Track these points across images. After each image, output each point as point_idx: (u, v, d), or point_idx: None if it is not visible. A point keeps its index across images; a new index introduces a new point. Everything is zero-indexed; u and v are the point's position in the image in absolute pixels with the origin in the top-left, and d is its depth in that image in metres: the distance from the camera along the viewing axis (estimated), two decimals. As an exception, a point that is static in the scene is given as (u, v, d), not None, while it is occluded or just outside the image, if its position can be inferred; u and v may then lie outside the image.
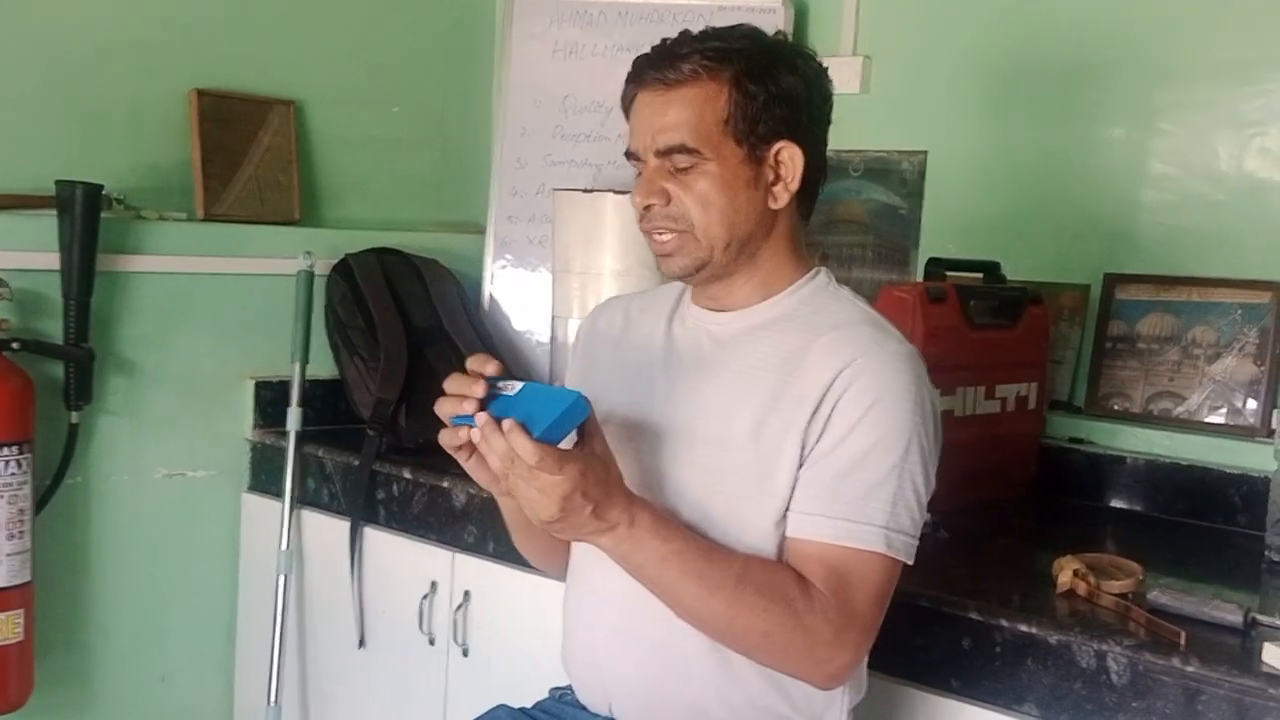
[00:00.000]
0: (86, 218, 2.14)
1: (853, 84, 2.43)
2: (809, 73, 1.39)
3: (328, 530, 2.30)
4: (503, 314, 2.65)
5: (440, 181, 2.81)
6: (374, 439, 2.24)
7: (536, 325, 2.59)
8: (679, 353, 1.43)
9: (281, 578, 2.32)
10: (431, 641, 2.12)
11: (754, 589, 1.26)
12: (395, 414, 2.26)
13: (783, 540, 1.33)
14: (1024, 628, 1.47)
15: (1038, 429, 2.16)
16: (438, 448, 1.29)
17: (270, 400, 2.44)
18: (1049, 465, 2.15)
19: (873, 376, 1.30)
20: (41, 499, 2.18)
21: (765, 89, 1.34)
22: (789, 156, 1.36)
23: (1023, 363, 2.10)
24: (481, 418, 1.20)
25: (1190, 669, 1.35)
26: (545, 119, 2.61)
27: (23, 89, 2.22)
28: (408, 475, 2.18)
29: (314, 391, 2.42)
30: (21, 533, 2.05)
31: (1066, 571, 1.57)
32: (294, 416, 2.35)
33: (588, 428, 1.25)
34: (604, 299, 1.63)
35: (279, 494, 2.35)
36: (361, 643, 2.25)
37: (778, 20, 2.44)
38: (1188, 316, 2.13)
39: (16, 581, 2.04)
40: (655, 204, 1.36)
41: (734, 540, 1.33)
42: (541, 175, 2.60)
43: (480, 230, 2.68)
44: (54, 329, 2.17)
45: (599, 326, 1.55)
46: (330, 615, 2.31)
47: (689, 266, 1.37)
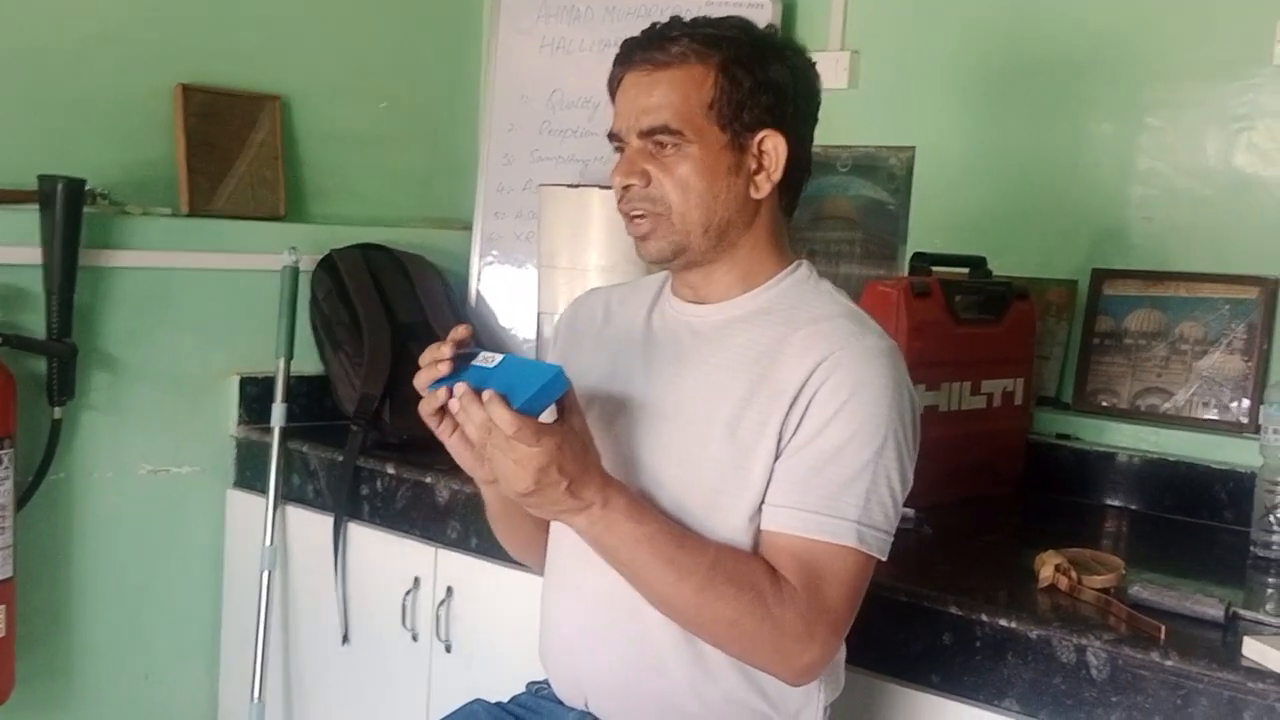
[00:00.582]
0: (69, 212, 2.13)
1: (840, 79, 2.42)
2: (798, 65, 1.38)
3: (312, 526, 2.29)
4: (489, 310, 2.64)
5: (427, 177, 2.80)
6: (358, 434, 2.23)
7: (523, 321, 2.58)
8: (658, 344, 1.42)
9: (265, 574, 2.31)
10: (414, 637, 2.11)
11: (725, 577, 1.25)
12: (379, 410, 2.26)
13: (758, 533, 1.32)
14: (1004, 623, 1.46)
15: (1024, 425, 2.15)
16: (422, 444, 1.28)
17: (255, 396, 2.43)
18: (1036, 461, 2.14)
19: (850, 370, 1.29)
20: (24, 495, 2.16)
21: (753, 76, 1.33)
22: (772, 146, 1.35)
23: (1009, 358, 2.10)
24: (460, 387, 1.20)
25: (1170, 663, 1.34)
26: (532, 114, 2.61)
27: (5, 82, 2.21)
28: (391, 471, 2.18)
29: (299, 387, 2.41)
30: (3, 529, 2.04)
31: (1048, 566, 1.56)
32: (278, 412, 2.34)
33: (567, 405, 1.25)
34: (589, 289, 1.62)
35: (263, 490, 2.34)
36: (345, 639, 2.24)
37: (765, 15, 2.43)
38: (1175, 312, 2.12)
39: (-2, 578, 2.03)
40: (634, 184, 1.35)
41: (710, 532, 1.32)
42: (528, 171, 2.59)
43: (467, 226, 2.67)
44: (36, 324, 2.16)
45: (579, 317, 1.54)
46: (314, 611, 2.30)
47: (665, 250, 1.36)
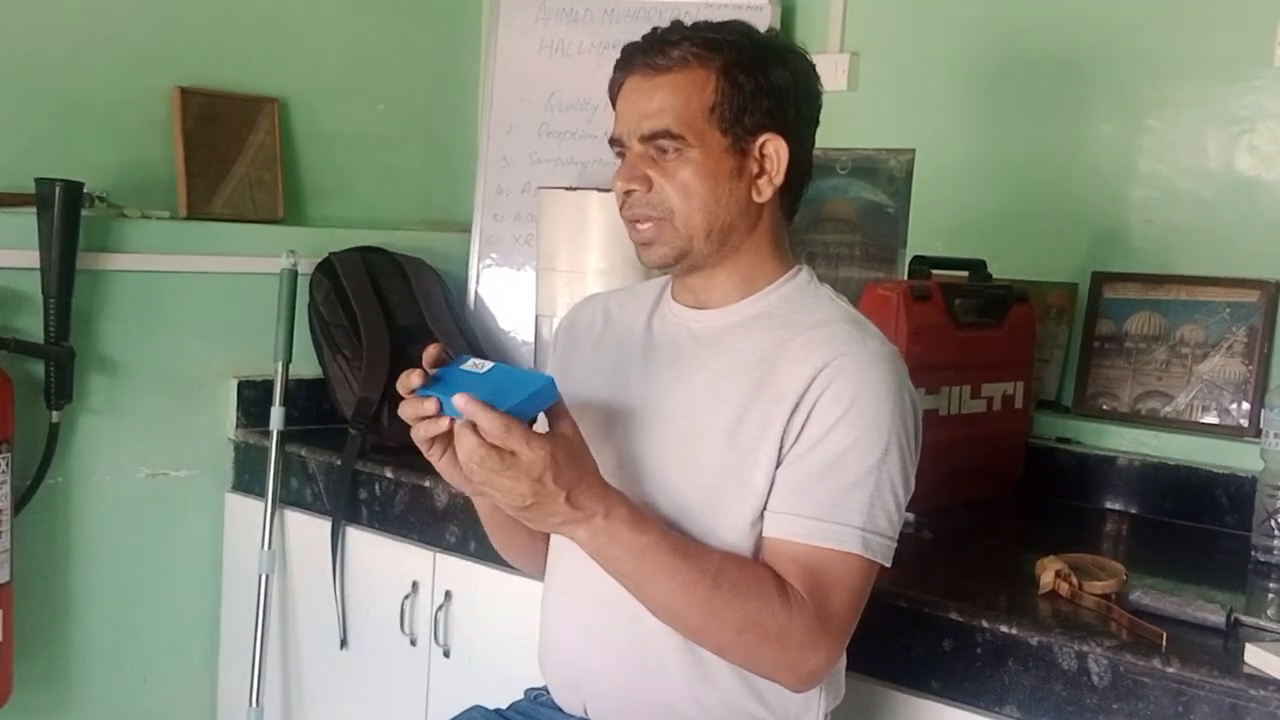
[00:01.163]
0: (66, 215, 2.13)
1: (840, 81, 2.42)
2: (799, 69, 1.37)
3: (310, 530, 2.29)
4: (488, 312, 2.64)
5: (425, 179, 2.80)
6: (356, 438, 2.22)
7: (522, 324, 2.57)
8: (658, 349, 1.42)
9: (264, 578, 2.31)
10: (413, 642, 2.11)
11: (730, 586, 1.25)
12: (378, 413, 2.25)
13: (759, 539, 1.31)
14: (1005, 629, 1.46)
15: (1025, 428, 2.14)
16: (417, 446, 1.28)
17: (253, 399, 2.42)
18: (1036, 465, 2.13)
19: (852, 376, 1.29)
20: (21, 499, 2.16)
21: (754, 80, 1.32)
22: (774, 150, 1.34)
23: (1009, 362, 2.09)
24: (459, 421, 1.18)
25: (1171, 670, 1.34)
26: (531, 116, 2.60)
27: (2, 84, 2.21)
28: (389, 475, 2.17)
29: (297, 391, 2.40)
30: (1, 533, 2.03)
31: (1049, 572, 1.56)
32: (277, 416, 2.34)
33: (558, 413, 1.24)
34: (589, 294, 1.62)
35: (262, 494, 2.33)
36: (344, 643, 2.23)
37: (765, 17, 2.42)
38: (1176, 315, 2.11)
39: (-5, 582, 2.03)
40: (636, 190, 1.34)
41: (711, 538, 1.31)
42: (527, 173, 2.59)
43: (466, 228, 2.67)
44: (34, 327, 2.16)
45: (579, 323, 1.54)
46: (312, 616, 2.30)
47: (668, 256, 1.36)
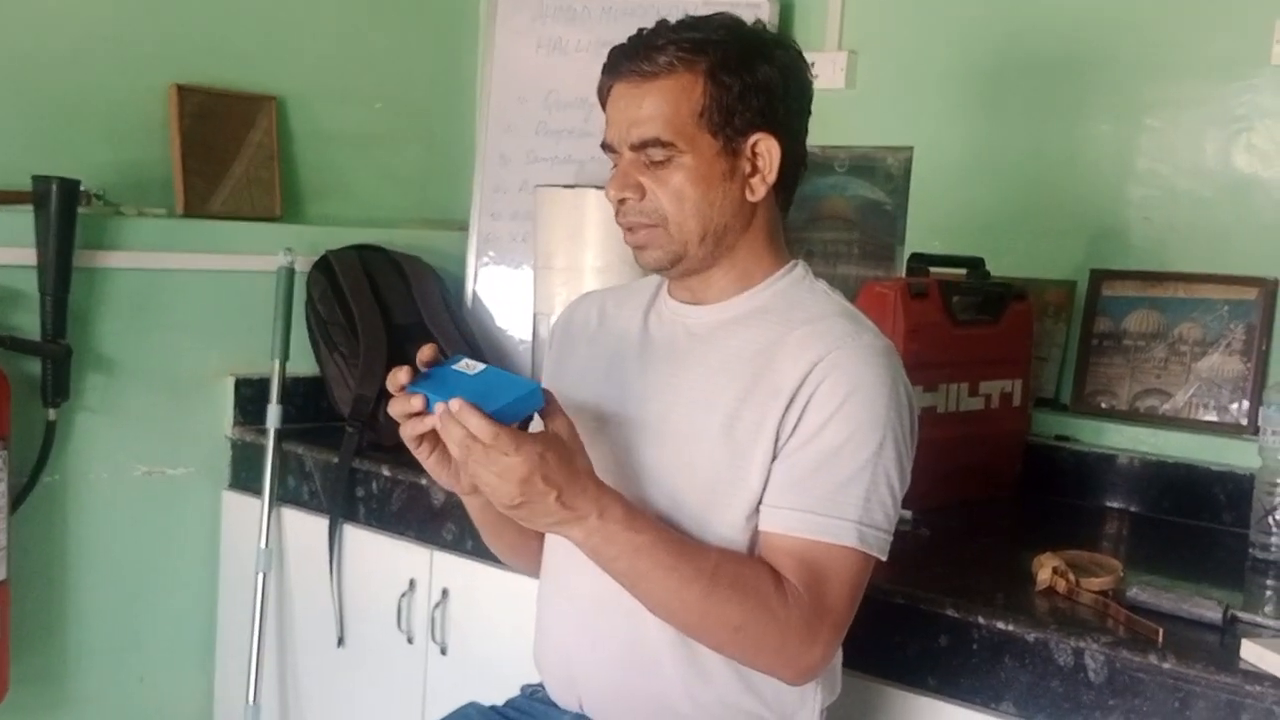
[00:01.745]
0: (63, 213, 2.13)
1: (838, 79, 2.41)
2: (787, 63, 1.36)
3: (307, 528, 2.28)
4: (485, 311, 2.64)
5: (423, 178, 2.79)
6: (353, 436, 2.22)
7: (519, 322, 2.57)
8: (655, 346, 1.42)
9: (261, 576, 2.31)
10: (410, 640, 2.11)
11: (727, 582, 1.24)
12: (375, 411, 2.24)
13: (755, 534, 1.31)
14: (1001, 625, 1.46)
15: (1023, 426, 2.14)
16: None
17: (250, 397, 2.42)
18: (1035, 463, 2.13)
19: (847, 370, 1.29)
20: (18, 497, 2.16)
21: (741, 80, 1.32)
22: (766, 148, 1.34)
23: (1007, 359, 2.09)
24: (440, 406, 1.18)
25: (1168, 666, 1.34)
26: (529, 115, 2.60)
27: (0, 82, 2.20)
28: (387, 473, 2.17)
29: (294, 388, 2.40)
30: (-3, 530, 2.03)
31: (1046, 569, 1.56)
32: (274, 414, 2.33)
33: (551, 413, 1.24)
34: (585, 292, 1.62)
35: (259, 491, 2.33)
36: (340, 641, 2.23)
37: (762, 15, 2.41)
38: (1174, 313, 2.11)
39: (-9, 579, 2.03)
40: (629, 198, 1.34)
41: (707, 534, 1.31)
42: (525, 172, 2.59)
43: (463, 227, 2.67)
44: (30, 325, 2.15)
45: (574, 321, 1.53)
46: (309, 614, 2.29)
47: (664, 260, 1.36)
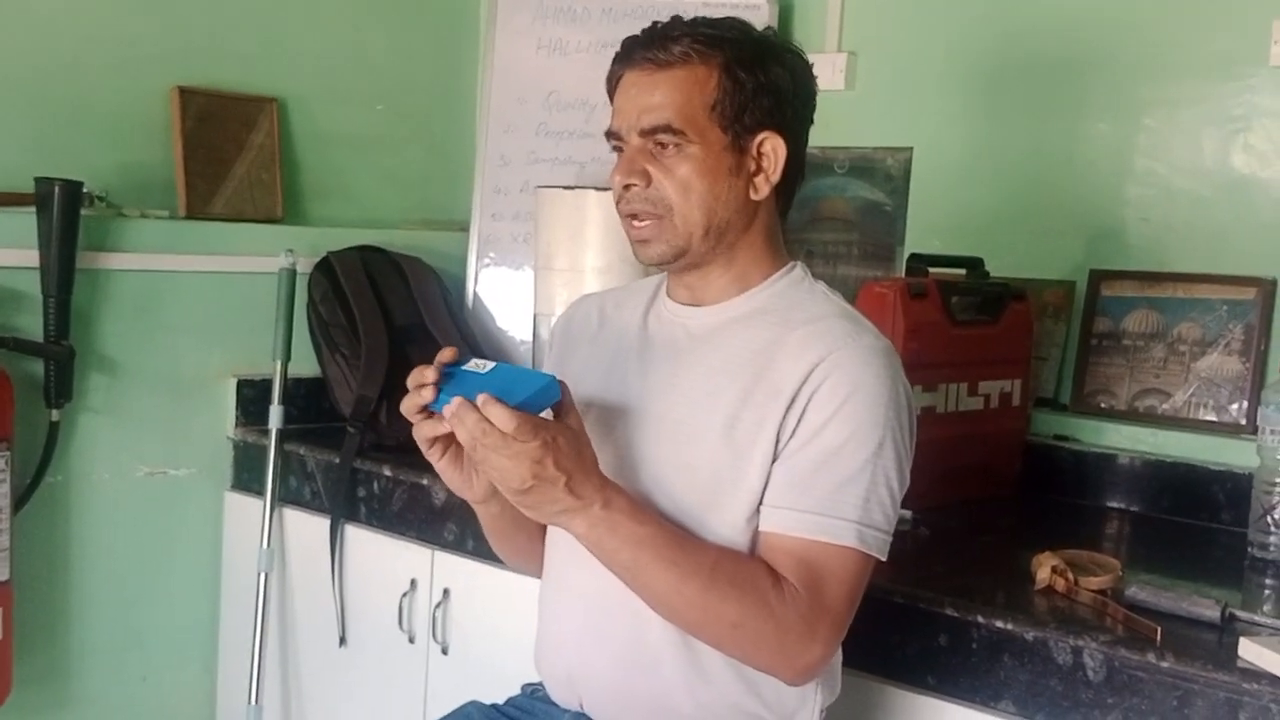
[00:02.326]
0: (66, 215, 2.13)
1: (837, 81, 2.42)
2: (797, 68, 1.38)
3: (309, 528, 2.29)
4: (486, 312, 2.64)
5: (424, 179, 2.80)
6: (355, 436, 2.23)
7: (520, 323, 2.58)
8: (654, 347, 1.42)
9: (263, 576, 2.31)
10: (411, 639, 2.11)
11: (727, 579, 1.25)
12: (376, 411, 2.25)
13: (755, 535, 1.32)
14: (1001, 624, 1.46)
15: (1022, 426, 2.14)
16: (418, 445, 1.29)
17: (252, 398, 2.43)
18: (1034, 463, 2.14)
19: (847, 371, 1.29)
20: (21, 498, 2.16)
21: (754, 78, 1.33)
22: (772, 148, 1.35)
23: (1006, 359, 2.09)
24: (456, 401, 1.19)
25: (1166, 665, 1.34)
26: (529, 116, 2.60)
27: (2, 84, 2.21)
28: (388, 473, 2.17)
29: (296, 389, 2.41)
30: (0, 531, 2.04)
31: (1045, 568, 1.56)
32: (275, 414, 2.34)
33: (564, 407, 1.25)
34: (584, 294, 1.62)
35: (261, 492, 2.34)
36: (342, 641, 2.23)
37: (762, 16, 2.42)
38: (1173, 313, 2.12)
39: (-5, 580, 2.03)
40: (635, 185, 1.34)
41: (707, 534, 1.31)
42: (525, 173, 2.59)
43: (464, 228, 2.67)
44: (33, 326, 2.16)
45: (574, 322, 1.54)
46: (311, 614, 2.30)
47: (666, 253, 1.36)
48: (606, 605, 1.34)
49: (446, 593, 2.07)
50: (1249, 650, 1.33)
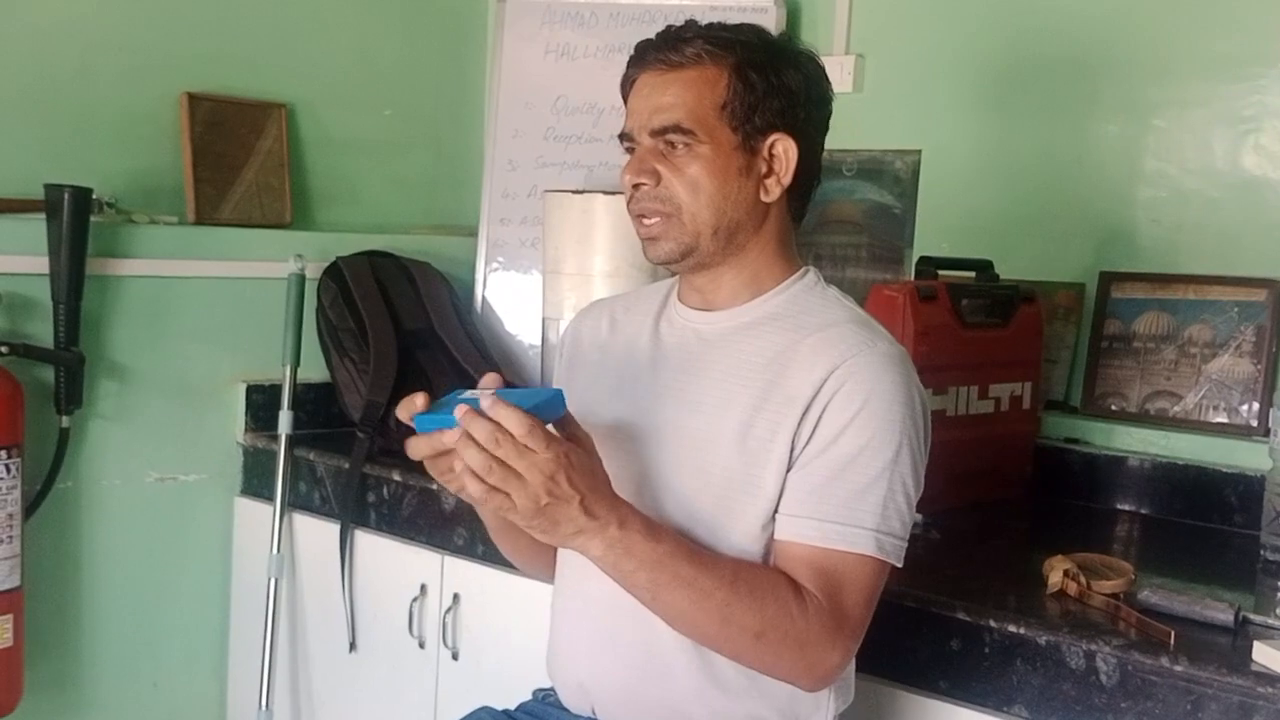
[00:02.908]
0: (75, 221, 2.14)
1: (845, 83, 2.42)
2: (811, 72, 1.38)
3: (319, 533, 2.29)
4: (495, 316, 2.64)
5: (432, 184, 2.80)
6: (364, 441, 2.23)
7: (528, 327, 2.58)
8: (666, 353, 1.42)
9: (273, 582, 2.31)
10: (421, 645, 2.11)
11: (747, 590, 1.24)
12: (386, 416, 2.25)
13: (770, 542, 1.31)
14: (1013, 628, 1.46)
15: (1033, 429, 2.14)
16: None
17: (261, 404, 2.43)
18: (1045, 465, 2.13)
19: (863, 378, 1.29)
20: (32, 504, 2.17)
21: (766, 79, 1.33)
22: (783, 150, 1.35)
23: (1016, 362, 2.09)
24: (462, 408, 1.16)
25: (1179, 669, 1.34)
26: (537, 121, 2.60)
27: (11, 91, 2.21)
28: (398, 478, 2.17)
29: (305, 395, 2.41)
30: (11, 537, 2.04)
31: (1057, 572, 1.56)
32: (285, 420, 2.34)
33: (568, 423, 1.24)
34: (594, 301, 1.62)
35: (270, 497, 2.34)
36: (352, 646, 2.23)
37: (770, 19, 2.43)
38: (1184, 315, 2.11)
39: (6, 587, 2.03)
40: (645, 184, 1.35)
41: (720, 542, 1.31)
42: (533, 177, 2.59)
43: (472, 233, 2.67)
44: (44, 333, 2.16)
45: (584, 329, 1.54)
46: (321, 619, 2.30)
47: (674, 252, 1.35)
48: (619, 612, 1.34)
49: (457, 598, 2.07)
50: (1263, 654, 1.32)
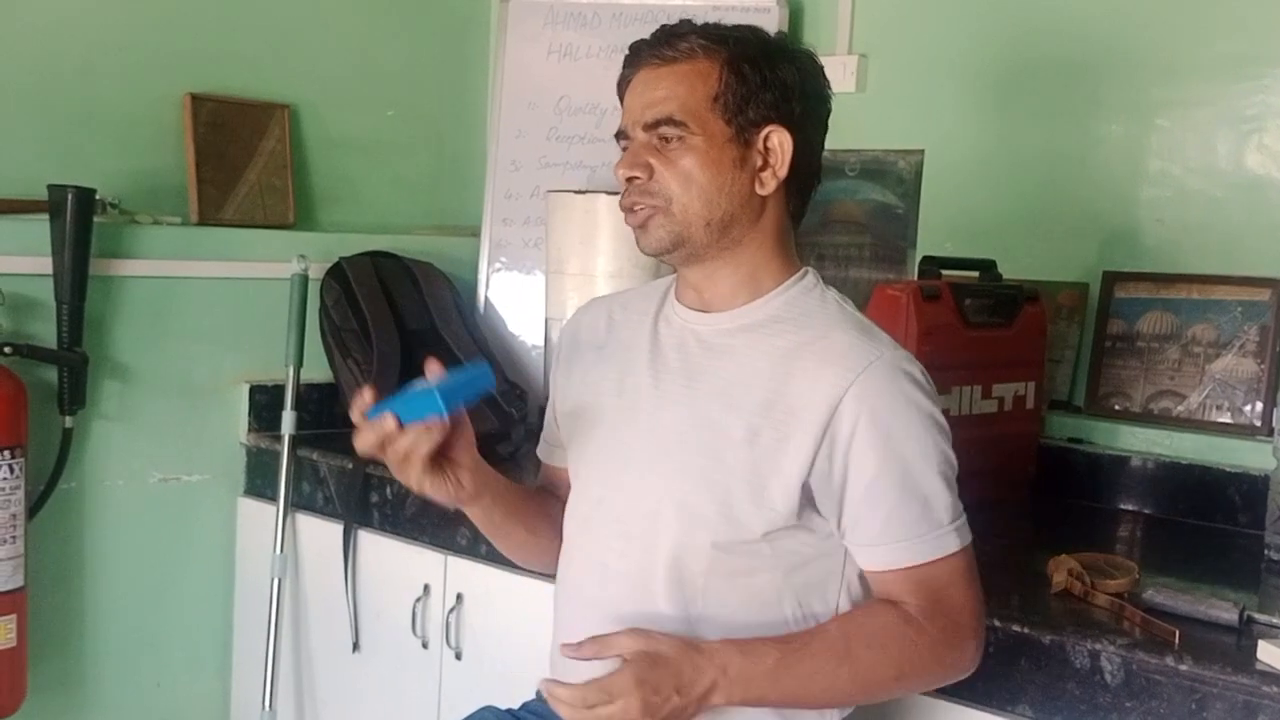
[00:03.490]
0: (79, 222, 2.14)
1: (848, 83, 2.42)
2: (807, 68, 1.38)
3: (322, 534, 2.29)
4: (498, 316, 2.64)
5: (435, 184, 2.80)
6: (367, 442, 2.22)
7: (531, 328, 2.58)
8: (665, 355, 1.41)
9: (276, 582, 2.31)
10: (425, 645, 2.11)
11: (864, 648, 1.27)
12: (389, 417, 2.25)
13: (775, 548, 1.32)
14: (1017, 628, 1.46)
15: (1036, 429, 2.14)
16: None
17: (265, 404, 2.43)
18: (1048, 465, 2.13)
19: (880, 399, 1.29)
20: (35, 504, 2.17)
21: (759, 72, 1.33)
22: (778, 142, 1.34)
23: (1020, 361, 2.08)
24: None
25: (1184, 668, 1.34)
26: (540, 121, 2.61)
27: (16, 92, 2.22)
28: (401, 478, 2.17)
29: (308, 395, 2.41)
30: (14, 538, 2.04)
31: (1061, 571, 1.55)
32: (288, 420, 2.34)
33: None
34: (592, 299, 1.62)
35: (274, 498, 2.34)
36: (356, 646, 2.23)
37: (772, 19, 2.43)
38: (1187, 314, 2.11)
39: (9, 587, 2.03)
40: (638, 177, 1.35)
41: (725, 543, 1.31)
42: (536, 177, 2.59)
43: (475, 233, 2.67)
44: (47, 333, 2.17)
45: (582, 328, 1.53)
46: (325, 619, 2.30)
47: (665, 240, 1.35)
48: (621, 615, 1.34)
49: (460, 598, 2.07)
50: (1267, 653, 1.32)
